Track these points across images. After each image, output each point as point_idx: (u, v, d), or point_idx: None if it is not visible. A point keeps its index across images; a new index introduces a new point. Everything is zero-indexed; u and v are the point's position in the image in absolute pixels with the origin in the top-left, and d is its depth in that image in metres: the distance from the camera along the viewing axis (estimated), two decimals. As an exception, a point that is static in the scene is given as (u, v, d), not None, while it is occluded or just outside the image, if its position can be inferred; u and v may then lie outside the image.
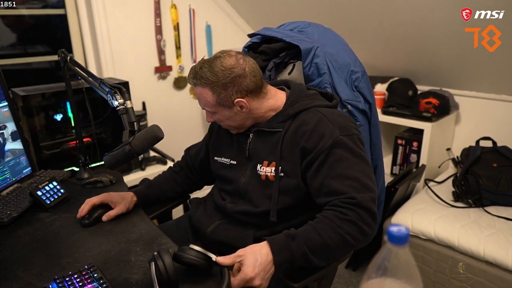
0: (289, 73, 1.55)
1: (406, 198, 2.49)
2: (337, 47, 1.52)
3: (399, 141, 2.91)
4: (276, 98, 1.35)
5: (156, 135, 1.24)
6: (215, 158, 1.49)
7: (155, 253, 1.04)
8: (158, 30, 2.84)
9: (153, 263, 1.03)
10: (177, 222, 1.68)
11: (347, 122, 1.29)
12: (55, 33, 2.73)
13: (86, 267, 1.10)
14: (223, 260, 1.10)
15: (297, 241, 1.13)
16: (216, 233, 1.40)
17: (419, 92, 2.89)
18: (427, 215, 2.19)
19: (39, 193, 1.49)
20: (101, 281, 1.04)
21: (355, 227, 1.14)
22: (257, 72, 1.30)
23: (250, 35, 1.64)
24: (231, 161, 1.43)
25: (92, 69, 2.70)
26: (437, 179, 2.60)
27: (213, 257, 1.10)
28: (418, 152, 2.79)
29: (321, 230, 1.13)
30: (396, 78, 2.94)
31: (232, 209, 1.39)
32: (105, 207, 1.45)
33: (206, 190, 1.66)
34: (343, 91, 1.45)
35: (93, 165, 2.06)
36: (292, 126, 1.30)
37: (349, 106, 1.45)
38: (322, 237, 1.13)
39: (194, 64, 1.30)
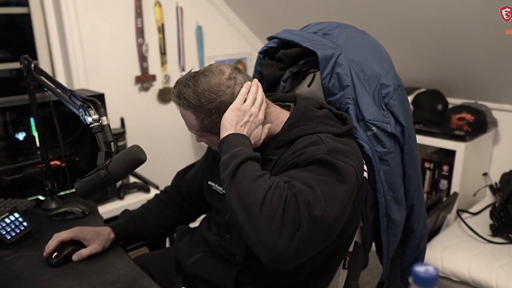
0: (309, 85, 1.53)
1: (435, 232, 2.50)
2: (366, 54, 1.47)
3: (427, 165, 2.93)
4: (277, 123, 1.35)
5: (137, 157, 1.25)
6: (209, 182, 1.52)
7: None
8: (140, 32, 2.88)
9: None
10: (164, 252, 1.71)
11: (347, 150, 1.23)
12: (16, 36, 2.77)
13: (54, 314, 1.12)
14: None
15: (245, 153, 1.15)
16: (197, 266, 1.44)
17: (450, 106, 2.93)
18: (460, 253, 2.21)
19: (-3, 226, 1.52)
20: (72, 331, 1.06)
21: (279, 200, 1.05)
22: None
23: (268, 38, 1.64)
24: (224, 191, 1.41)
25: (61, 78, 2.72)
26: (472, 210, 2.63)
27: None
28: (449, 177, 2.80)
29: (261, 177, 1.11)
30: (422, 90, 2.99)
31: (215, 243, 1.43)
32: (77, 243, 1.47)
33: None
34: (368, 109, 1.39)
35: (62, 193, 2.08)
36: (286, 153, 1.27)
37: (374, 128, 1.38)
38: (256, 177, 1.10)
39: (181, 76, 1.32)
